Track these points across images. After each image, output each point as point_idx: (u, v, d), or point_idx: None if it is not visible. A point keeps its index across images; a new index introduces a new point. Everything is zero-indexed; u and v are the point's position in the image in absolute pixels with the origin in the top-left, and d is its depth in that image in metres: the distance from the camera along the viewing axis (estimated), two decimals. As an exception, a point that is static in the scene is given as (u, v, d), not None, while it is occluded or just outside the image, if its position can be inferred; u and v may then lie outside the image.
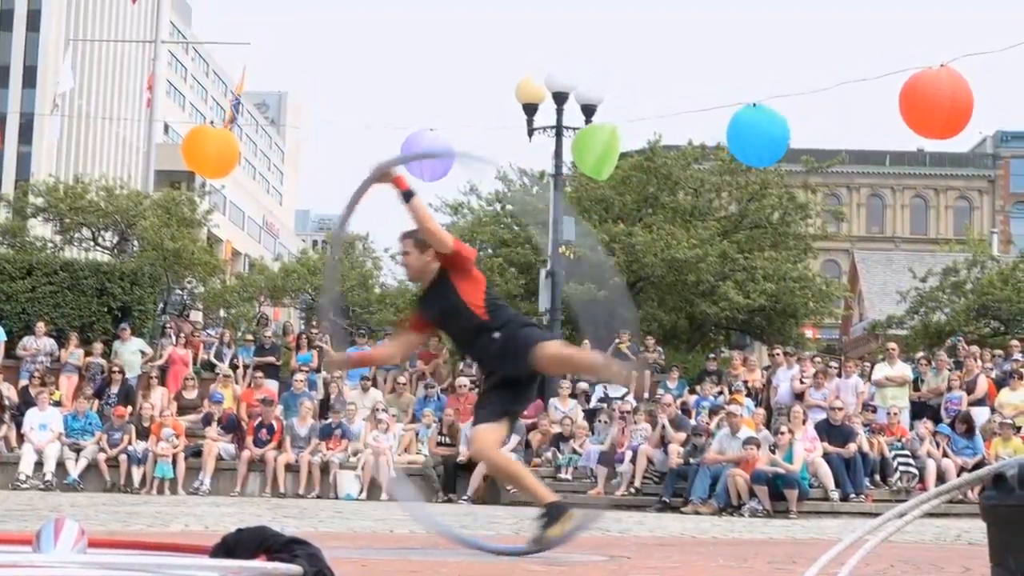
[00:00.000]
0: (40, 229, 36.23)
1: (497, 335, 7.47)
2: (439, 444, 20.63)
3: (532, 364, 7.51)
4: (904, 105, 13.68)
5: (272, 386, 22.46)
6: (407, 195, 7.38)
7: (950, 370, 21.36)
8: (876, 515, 4.65)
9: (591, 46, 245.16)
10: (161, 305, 29.00)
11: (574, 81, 22.53)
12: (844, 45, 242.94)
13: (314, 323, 33.95)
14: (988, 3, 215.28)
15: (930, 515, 4.71)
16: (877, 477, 18.55)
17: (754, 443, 17.52)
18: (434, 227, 7.51)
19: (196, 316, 35.24)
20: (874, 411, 20.13)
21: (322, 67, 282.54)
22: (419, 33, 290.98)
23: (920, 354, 23.24)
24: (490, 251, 32.37)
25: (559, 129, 22.79)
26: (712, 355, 25.72)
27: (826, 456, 18.15)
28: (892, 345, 22.31)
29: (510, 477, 7.92)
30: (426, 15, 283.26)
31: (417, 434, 20.82)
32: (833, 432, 18.57)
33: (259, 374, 22.40)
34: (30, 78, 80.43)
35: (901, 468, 18.51)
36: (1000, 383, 21.09)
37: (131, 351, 23.34)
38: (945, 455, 18.72)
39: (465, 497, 19.26)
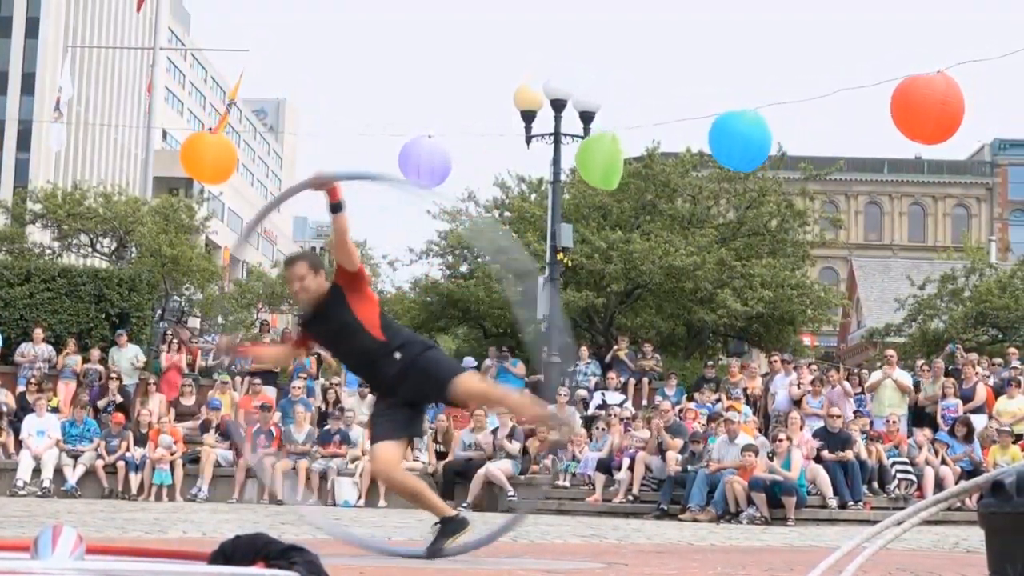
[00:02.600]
0: (38, 235, 36.24)
1: (398, 356, 7.46)
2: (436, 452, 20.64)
3: (448, 396, 7.60)
4: (895, 108, 13.66)
5: (270, 393, 22.45)
6: (337, 207, 7.39)
7: (945, 376, 21.36)
8: (874, 522, 4.65)
9: (589, 51, 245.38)
10: (159, 312, 29.00)
11: (572, 88, 22.54)
12: (842, 51, 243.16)
13: None
14: (986, 9, 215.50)
15: (928, 522, 4.72)
16: (875, 484, 18.53)
17: (752, 450, 17.52)
18: (352, 244, 7.55)
19: (194, 322, 35.24)
20: (864, 416, 20.13)
21: (320, 74, 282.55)
22: (417, 39, 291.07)
23: (921, 361, 23.23)
24: (488, 257, 32.36)
25: (557, 136, 22.79)
26: (710, 362, 25.73)
27: (824, 463, 18.14)
28: (891, 352, 22.31)
29: (412, 495, 7.80)
30: (424, 21, 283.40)
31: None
32: (831, 439, 18.56)
33: (257, 381, 22.39)
34: (28, 85, 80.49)
35: (899, 475, 18.50)
36: (998, 391, 21.08)
37: (128, 358, 23.34)
38: (944, 462, 18.71)
39: (464, 504, 19.24)
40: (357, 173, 7.76)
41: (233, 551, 3.39)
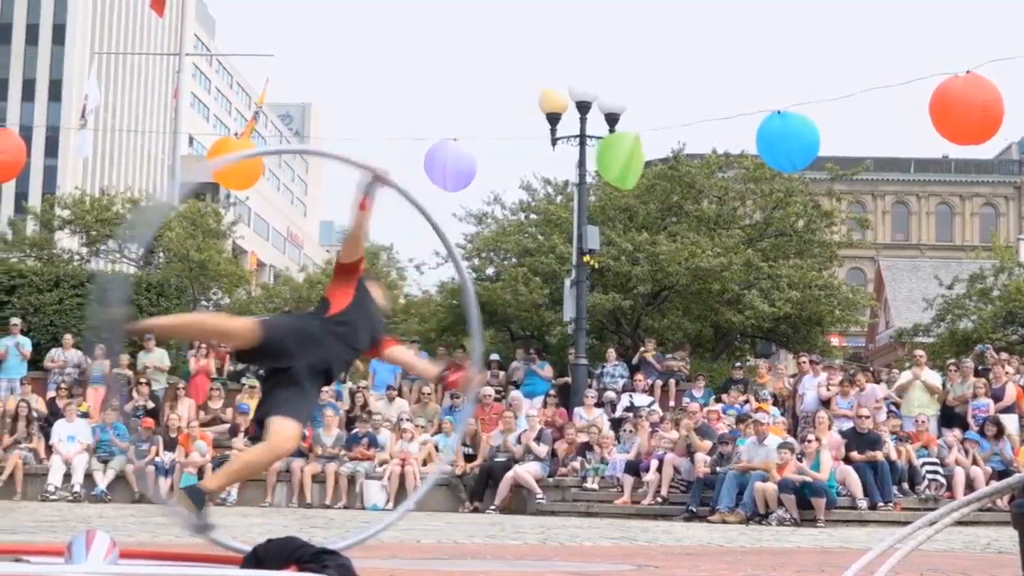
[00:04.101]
0: (67, 241, 36.44)
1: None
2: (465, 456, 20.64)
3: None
4: (935, 112, 13.63)
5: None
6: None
7: (975, 376, 21.24)
8: (904, 523, 4.63)
9: (613, 53, 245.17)
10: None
11: (597, 90, 22.53)
12: (868, 51, 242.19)
13: None
14: (1013, 7, 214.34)
15: (959, 523, 4.70)
16: (905, 485, 18.46)
17: (788, 448, 17.47)
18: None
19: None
20: (898, 417, 20.06)
21: (345, 78, 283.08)
22: (442, 43, 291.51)
23: (951, 361, 23.12)
24: (514, 260, 32.34)
25: (582, 138, 22.78)
26: (738, 364, 25.66)
27: (854, 464, 18.08)
28: (920, 353, 22.21)
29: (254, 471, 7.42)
30: (449, 24, 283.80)
31: (437, 446, 20.76)
32: (860, 440, 18.50)
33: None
34: (55, 92, 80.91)
35: (929, 476, 18.42)
36: (1028, 390, 20.94)
37: (155, 362, 23.42)
38: (975, 463, 18.61)
39: (492, 507, 19.25)
40: (410, 195, 7.64)
41: (265, 555, 3.40)
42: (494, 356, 25.46)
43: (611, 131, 22.33)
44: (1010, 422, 19.80)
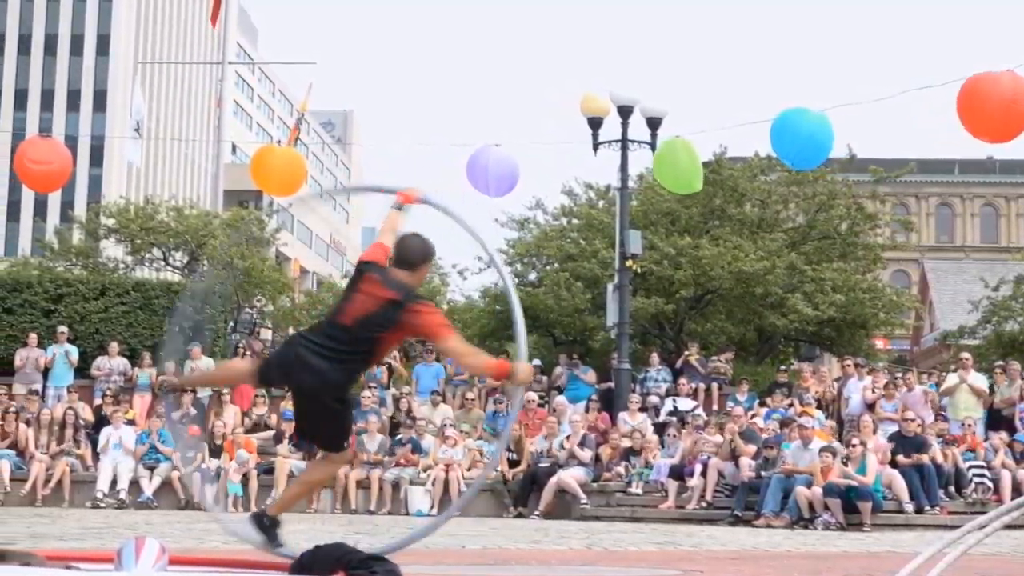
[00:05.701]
0: (112, 250, 36.71)
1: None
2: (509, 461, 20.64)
3: None
4: (961, 106, 13.50)
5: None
6: (404, 209, 7.69)
7: (1023, 379, 21.06)
8: (951, 527, 4.60)
9: (656, 58, 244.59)
10: (231, 324, 29.28)
11: (639, 94, 22.49)
12: (912, 51, 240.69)
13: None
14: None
15: (1007, 527, 4.66)
16: (952, 489, 18.32)
17: (830, 451, 17.39)
18: None
19: (266, 334, 35.55)
20: (945, 420, 19.92)
21: (386, 84, 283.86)
22: (482, 49, 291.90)
23: (997, 363, 22.93)
24: (556, 265, 32.35)
25: (624, 142, 22.73)
26: (782, 367, 25.54)
27: (900, 468, 17.96)
28: (965, 355, 22.04)
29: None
30: (489, 30, 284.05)
31: (482, 452, 20.78)
32: (906, 443, 18.38)
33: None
34: (100, 102, 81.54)
35: (976, 480, 18.28)
36: (1076, 392, 20.74)
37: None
38: (1023, 466, 18.43)
39: (536, 512, 19.24)
40: (442, 205, 7.96)
41: (313, 561, 3.42)
42: (536, 361, 25.47)
43: (652, 135, 22.29)
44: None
